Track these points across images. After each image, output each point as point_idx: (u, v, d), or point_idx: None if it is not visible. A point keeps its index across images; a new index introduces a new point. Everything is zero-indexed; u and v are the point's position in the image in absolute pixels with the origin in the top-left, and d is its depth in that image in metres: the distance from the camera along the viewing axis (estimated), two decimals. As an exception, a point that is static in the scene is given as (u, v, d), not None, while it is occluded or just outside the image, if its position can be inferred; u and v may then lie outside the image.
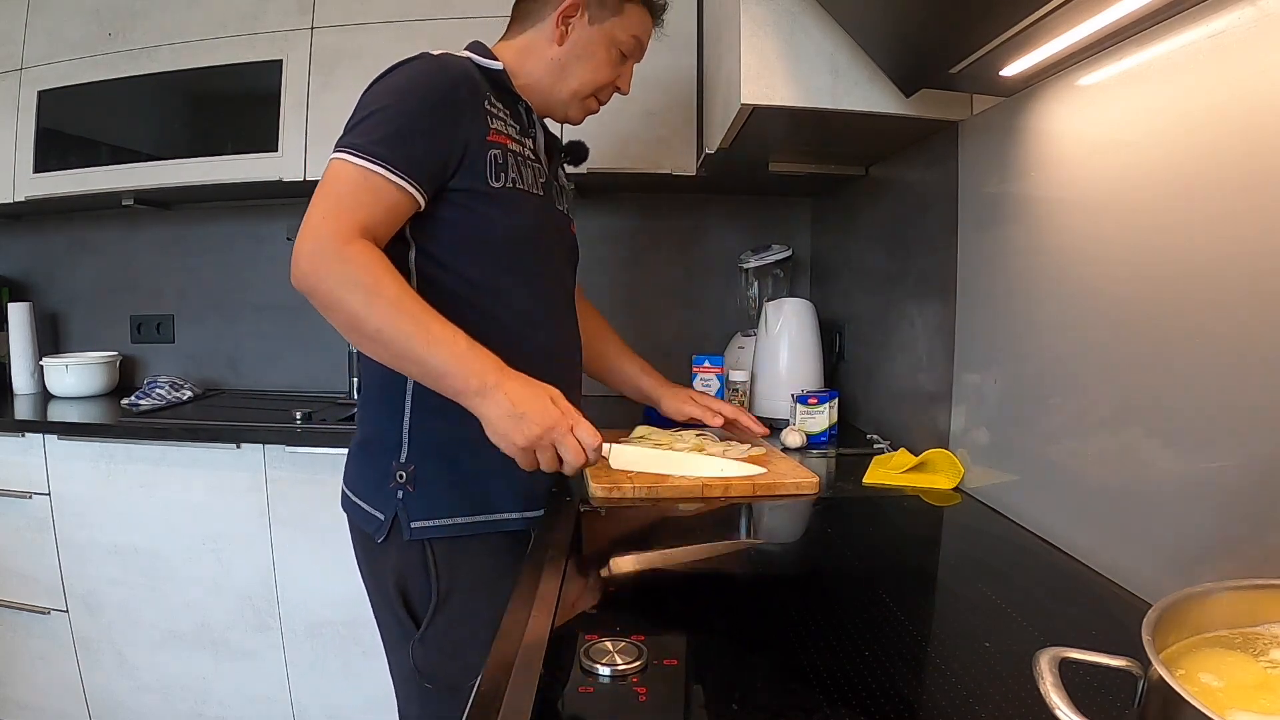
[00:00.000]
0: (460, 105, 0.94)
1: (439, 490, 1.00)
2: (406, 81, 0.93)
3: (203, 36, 1.88)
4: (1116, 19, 0.73)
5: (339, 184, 0.88)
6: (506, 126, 1.01)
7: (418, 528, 0.99)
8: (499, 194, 0.98)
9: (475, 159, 0.95)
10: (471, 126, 0.95)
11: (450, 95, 0.93)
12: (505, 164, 0.98)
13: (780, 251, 1.95)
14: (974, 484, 1.16)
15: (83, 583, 1.74)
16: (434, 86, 0.93)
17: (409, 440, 1.00)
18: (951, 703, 0.57)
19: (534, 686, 0.58)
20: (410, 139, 0.90)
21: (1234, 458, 0.67)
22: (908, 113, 1.15)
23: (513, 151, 1.00)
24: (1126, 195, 0.81)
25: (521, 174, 1.01)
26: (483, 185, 0.96)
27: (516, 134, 1.03)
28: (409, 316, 0.85)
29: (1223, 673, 0.45)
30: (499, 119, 0.99)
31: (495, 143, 0.97)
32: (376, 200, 0.88)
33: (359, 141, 0.88)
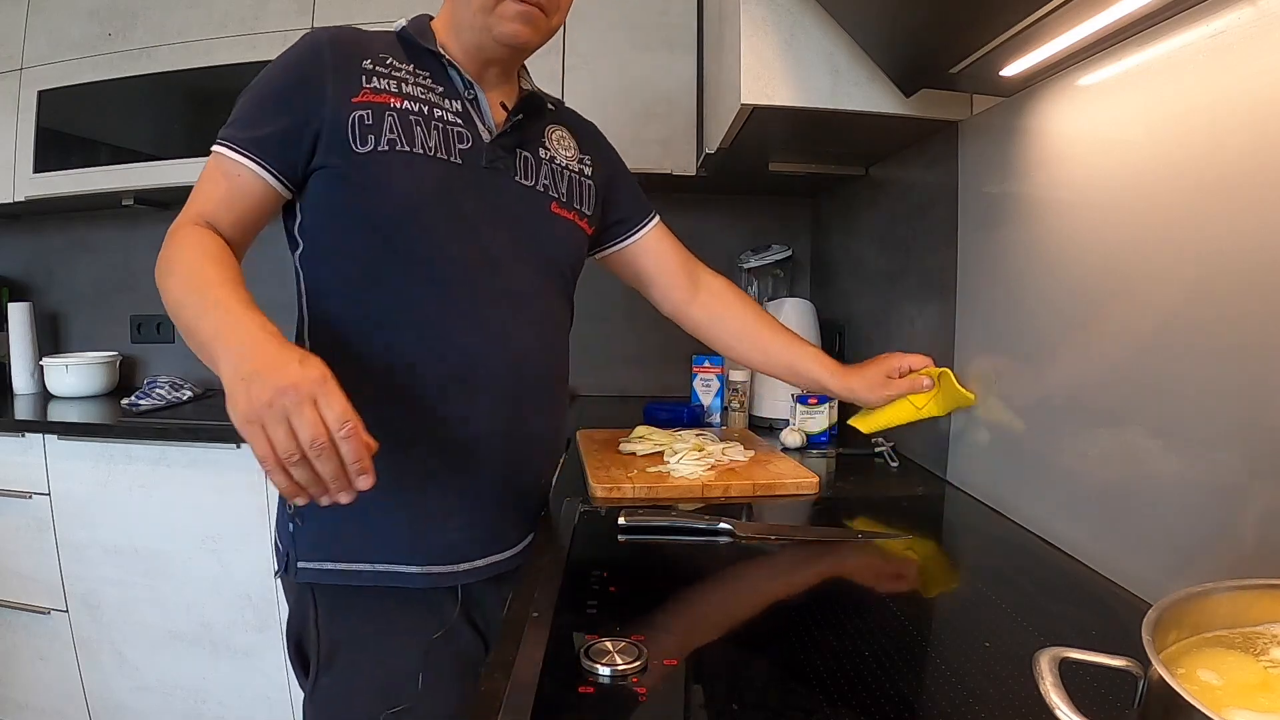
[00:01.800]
0: (316, 72, 0.84)
1: (328, 527, 0.87)
2: (276, 60, 0.88)
3: (203, 36, 1.88)
4: (1116, 19, 0.73)
5: (201, 174, 0.86)
6: (402, 85, 0.88)
7: (304, 569, 0.88)
8: (369, 159, 0.83)
9: (335, 127, 0.84)
10: (330, 91, 0.84)
11: (304, 64, 0.85)
12: (378, 125, 0.84)
13: (780, 251, 1.95)
14: (974, 484, 1.16)
15: (83, 583, 1.74)
16: (289, 60, 0.86)
17: None
18: (951, 703, 0.57)
19: (534, 686, 0.58)
20: (259, 116, 0.84)
21: (1234, 457, 0.67)
22: (908, 113, 1.15)
23: (398, 110, 0.86)
24: (1126, 195, 0.81)
25: (412, 135, 0.85)
26: (345, 154, 0.84)
27: (427, 94, 0.89)
28: (194, 286, 0.75)
29: (1223, 672, 0.45)
30: (389, 77, 0.87)
31: (365, 103, 0.84)
32: (222, 184, 0.84)
33: (223, 129, 0.85)
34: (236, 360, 0.66)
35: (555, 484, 1.27)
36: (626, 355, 2.23)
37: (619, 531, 0.95)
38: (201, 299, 0.73)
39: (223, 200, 0.84)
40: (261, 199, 0.85)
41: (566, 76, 1.83)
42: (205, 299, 0.73)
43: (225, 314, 0.71)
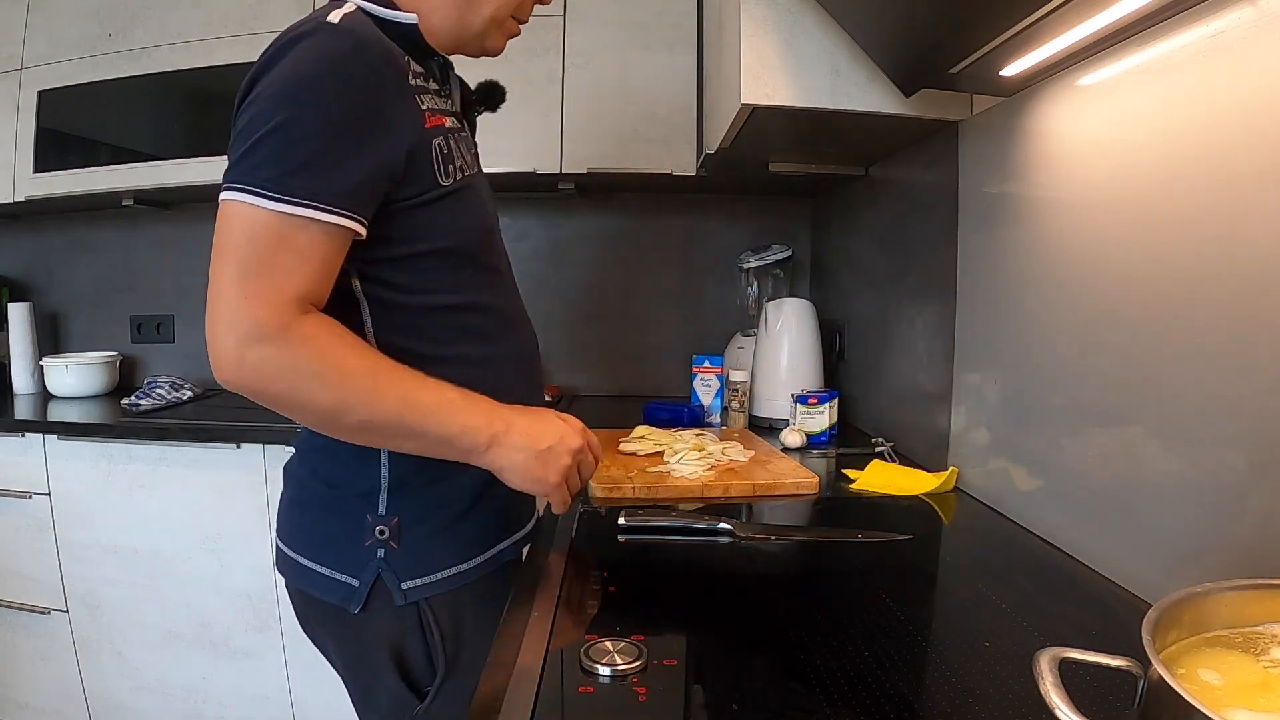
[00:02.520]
0: (390, 96, 0.73)
1: (429, 540, 0.84)
2: (312, 74, 0.69)
3: (203, 36, 1.88)
4: (1116, 19, 0.73)
5: (252, 239, 0.67)
6: (435, 99, 0.80)
7: (411, 588, 0.82)
8: (453, 192, 0.79)
9: (419, 159, 0.75)
10: (407, 120, 0.74)
11: (376, 86, 0.72)
12: (450, 152, 0.79)
13: (780, 251, 1.95)
14: (974, 484, 1.16)
15: (83, 583, 1.74)
16: (354, 78, 0.70)
17: (389, 486, 0.82)
18: (951, 703, 0.57)
19: (534, 686, 0.58)
20: (338, 159, 0.68)
21: (1234, 457, 0.67)
22: (908, 113, 1.15)
23: (451, 130, 0.81)
24: (1126, 195, 0.81)
25: (464, 154, 0.83)
26: (433, 188, 0.77)
27: (446, 104, 0.84)
28: (389, 394, 0.71)
29: (1223, 672, 0.45)
30: (428, 93, 0.79)
31: (436, 128, 0.78)
32: (308, 255, 0.68)
33: (266, 175, 0.66)
34: (524, 442, 0.77)
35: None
36: (626, 355, 2.23)
37: (619, 531, 0.95)
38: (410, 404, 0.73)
39: (319, 275, 0.70)
40: (344, 255, 0.73)
41: (566, 76, 1.83)
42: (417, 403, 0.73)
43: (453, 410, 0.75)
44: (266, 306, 0.66)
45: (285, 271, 0.67)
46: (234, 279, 0.67)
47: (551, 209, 2.18)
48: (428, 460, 0.80)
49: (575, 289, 2.21)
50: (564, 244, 2.21)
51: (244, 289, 0.66)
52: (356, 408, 0.71)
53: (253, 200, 0.66)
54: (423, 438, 0.74)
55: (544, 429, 0.79)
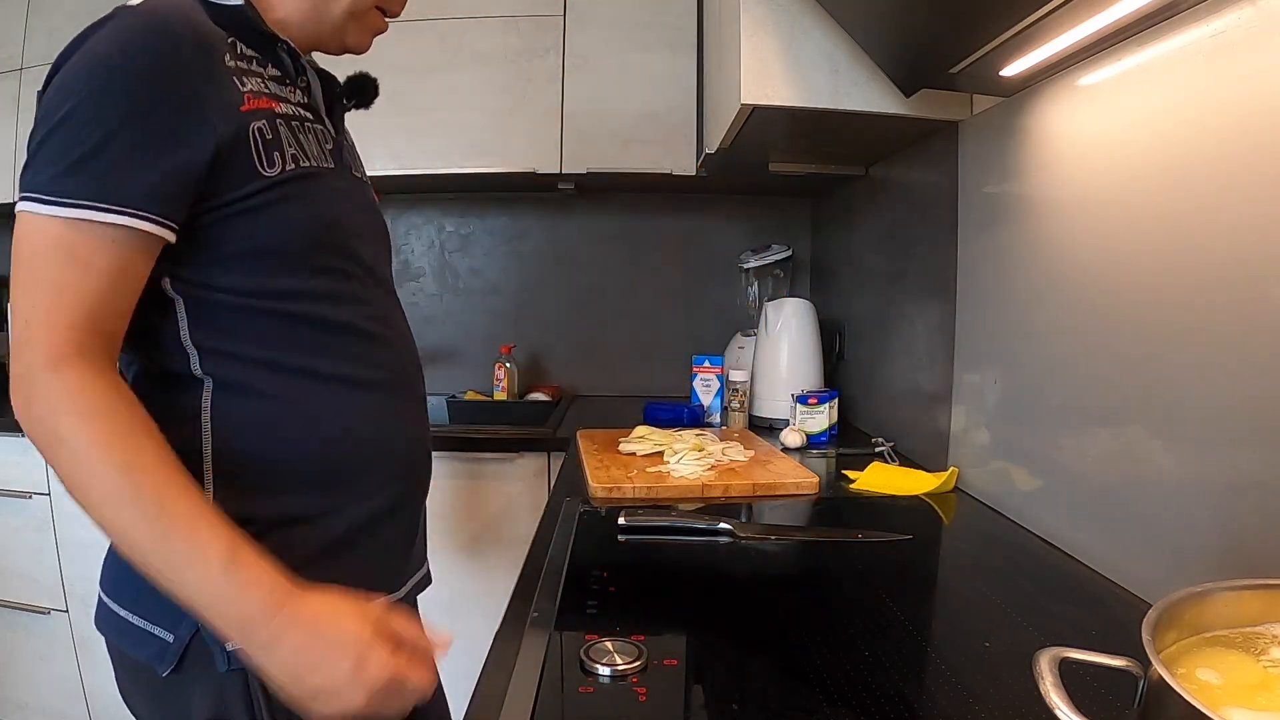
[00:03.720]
0: (193, 80, 0.62)
1: None
2: (101, 64, 0.60)
3: (203, 36, 1.88)
4: (1116, 19, 0.73)
5: (35, 254, 0.58)
6: (265, 83, 0.70)
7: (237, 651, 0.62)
8: (279, 183, 0.67)
9: (234, 147, 0.64)
10: (214, 105, 0.63)
11: (176, 69, 0.61)
12: (276, 137, 0.68)
13: (780, 251, 1.95)
14: (974, 484, 1.16)
15: (83, 583, 1.74)
16: (147, 62, 0.60)
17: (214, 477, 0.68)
18: (951, 703, 0.57)
19: (534, 686, 0.58)
20: (126, 154, 0.59)
21: (1234, 457, 0.67)
22: (908, 113, 1.15)
23: (282, 115, 0.70)
24: (1126, 195, 0.81)
25: (301, 143, 0.71)
26: (252, 179, 0.65)
27: (281, 89, 0.72)
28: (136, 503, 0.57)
29: (1223, 672, 0.45)
30: (252, 75, 0.69)
31: (256, 111, 0.67)
32: (92, 265, 0.58)
33: (45, 178, 0.57)
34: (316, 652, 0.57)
35: (555, 484, 1.27)
36: (626, 355, 2.23)
37: (619, 531, 0.95)
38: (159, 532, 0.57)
39: (114, 289, 0.59)
40: (150, 263, 0.62)
41: (566, 76, 1.83)
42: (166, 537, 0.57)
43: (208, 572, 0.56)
44: (42, 334, 0.58)
45: (64, 290, 0.58)
46: (18, 300, 0.58)
47: (551, 209, 2.18)
48: (258, 486, 0.68)
49: (575, 289, 2.21)
50: (564, 244, 2.21)
51: (29, 319, 0.58)
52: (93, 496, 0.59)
53: (33, 208, 0.58)
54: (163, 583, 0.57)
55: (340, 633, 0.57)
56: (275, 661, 0.57)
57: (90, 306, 0.58)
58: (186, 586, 0.57)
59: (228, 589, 0.57)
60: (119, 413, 0.59)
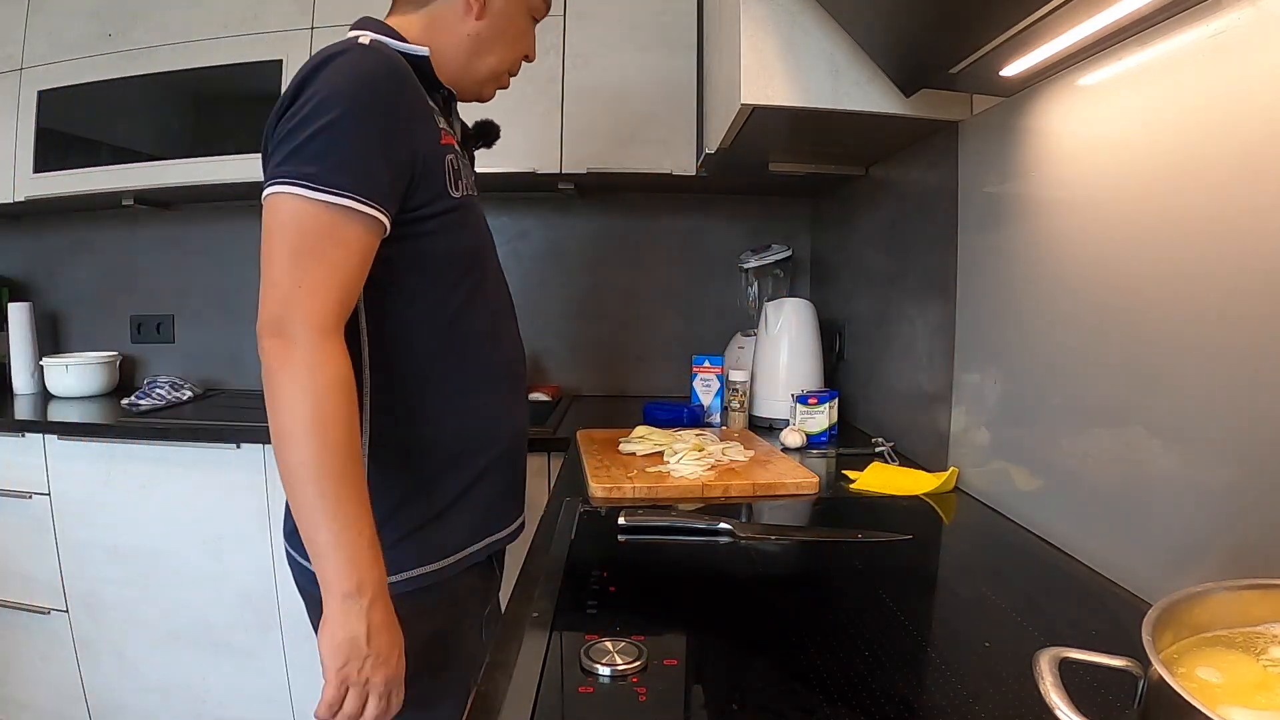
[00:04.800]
0: (410, 109, 0.81)
1: (408, 540, 0.86)
2: (351, 83, 0.75)
3: (203, 36, 1.88)
4: (1116, 19, 0.73)
5: (301, 228, 0.72)
6: (446, 123, 0.89)
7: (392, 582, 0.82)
8: (459, 205, 0.86)
9: (433, 169, 0.82)
10: (425, 133, 0.82)
11: (400, 98, 0.80)
12: (459, 168, 0.88)
13: (780, 251, 1.95)
14: (974, 484, 1.16)
15: (83, 583, 1.74)
16: (383, 89, 0.78)
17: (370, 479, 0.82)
18: (951, 703, 0.57)
19: (534, 686, 0.58)
20: (372, 160, 0.75)
21: (1234, 457, 0.67)
22: (908, 113, 1.15)
23: (456, 152, 0.89)
24: (1126, 195, 0.81)
25: (465, 175, 0.90)
26: (443, 198, 0.84)
27: (450, 129, 0.91)
28: (333, 475, 0.71)
29: (1223, 671, 0.45)
30: (440, 116, 0.88)
31: (449, 146, 0.86)
32: (352, 247, 0.74)
33: (313, 170, 0.72)
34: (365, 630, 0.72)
35: (555, 484, 1.27)
36: (626, 355, 2.23)
37: (619, 531, 0.95)
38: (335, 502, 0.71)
39: (358, 271, 0.75)
40: (373, 243, 0.78)
41: (566, 77, 1.83)
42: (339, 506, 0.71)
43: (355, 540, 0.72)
44: (314, 302, 0.72)
45: (332, 264, 0.73)
46: (287, 266, 0.72)
47: (551, 209, 2.18)
48: (405, 461, 0.86)
49: (575, 289, 2.21)
50: (564, 244, 2.21)
51: (296, 276, 0.72)
52: (301, 451, 0.71)
53: (302, 192, 0.71)
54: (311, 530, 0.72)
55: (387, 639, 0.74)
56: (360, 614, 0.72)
57: (347, 283, 0.74)
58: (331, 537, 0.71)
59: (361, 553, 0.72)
60: (347, 395, 0.73)
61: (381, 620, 0.74)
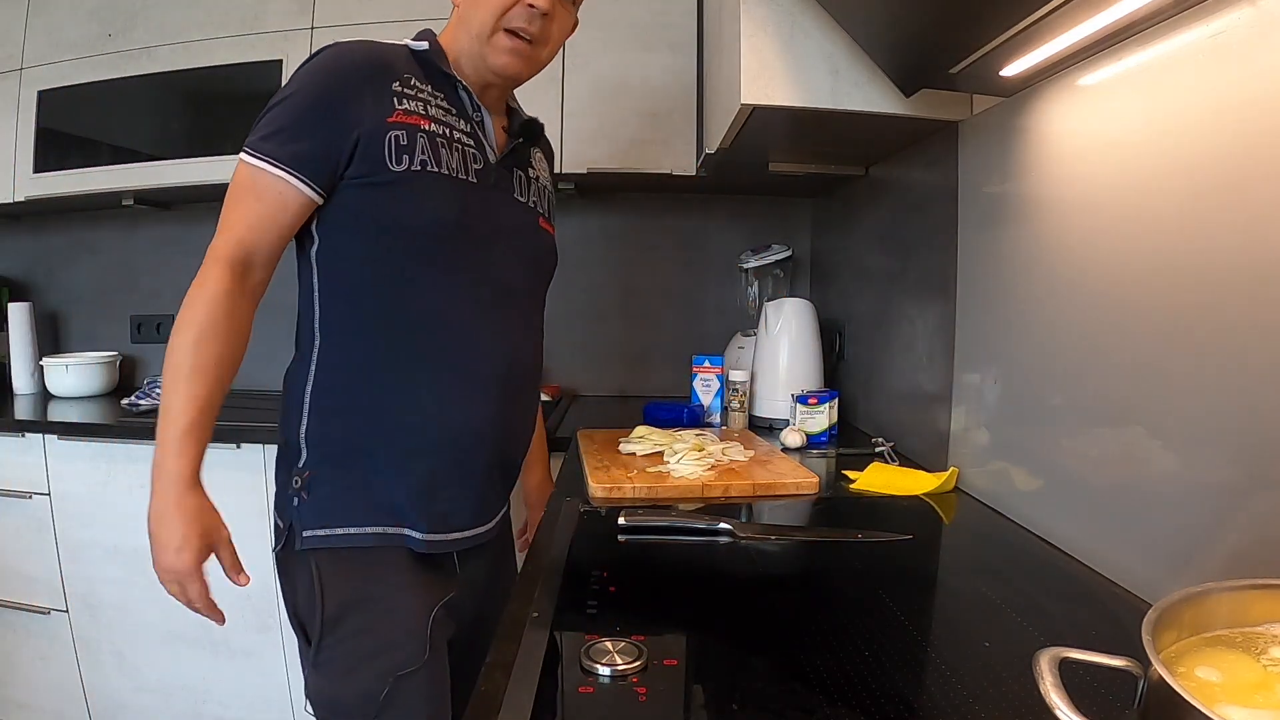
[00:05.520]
0: (354, 89, 0.89)
1: (335, 496, 0.92)
2: (306, 72, 0.90)
3: (203, 36, 1.88)
4: (1116, 19, 0.73)
5: (235, 185, 0.88)
6: (428, 108, 0.93)
7: (309, 536, 0.91)
8: (402, 178, 0.89)
9: (371, 143, 0.88)
10: (368, 109, 0.89)
11: (343, 80, 0.89)
12: (411, 145, 0.90)
13: (780, 251, 1.95)
14: (974, 484, 1.16)
15: (83, 583, 1.74)
16: (328, 72, 0.89)
17: (306, 444, 0.93)
18: (951, 703, 0.57)
19: (534, 686, 0.58)
20: (298, 131, 0.87)
21: (1233, 457, 0.67)
22: (908, 113, 1.15)
23: (428, 133, 0.92)
24: (1126, 195, 0.81)
25: (439, 156, 0.92)
26: (380, 170, 0.89)
27: (446, 115, 0.95)
28: (173, 369, 0.85)
29: (1222, 671, 0.45)
30: (416, 99, 0.92)
31: (399, 124, 0.90)
32: (262, 200, 0.87)
33: (253, 139, 0.87)
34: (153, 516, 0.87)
35: (555, 484, 1.27)
36: (626, 355, 2.23)
37: (619, 531, 0.95)
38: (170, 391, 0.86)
39: (263, 221, 0.88)
40: (299, 212, 0.89)
41: (566, 77, 1.83)
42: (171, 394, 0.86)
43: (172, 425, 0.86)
44: (219, 239, 0.87)
45: (237, 217, 0.88)
46: (222, 211, 0.89)
47: (551, 209, 2.18)
48: (345, 419, 0.93)
49: (575, 288, 2.20)
50: (564, 244, 2.19)
51: (222, 219, 0.88)
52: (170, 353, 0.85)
53: (242, 156, 0.88)
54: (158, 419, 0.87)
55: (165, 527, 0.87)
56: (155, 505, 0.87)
57: (252, 223, 0.87)
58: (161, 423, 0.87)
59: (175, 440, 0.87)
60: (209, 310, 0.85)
61: (162, 509, 0.85)
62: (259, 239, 0.88)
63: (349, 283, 0.93)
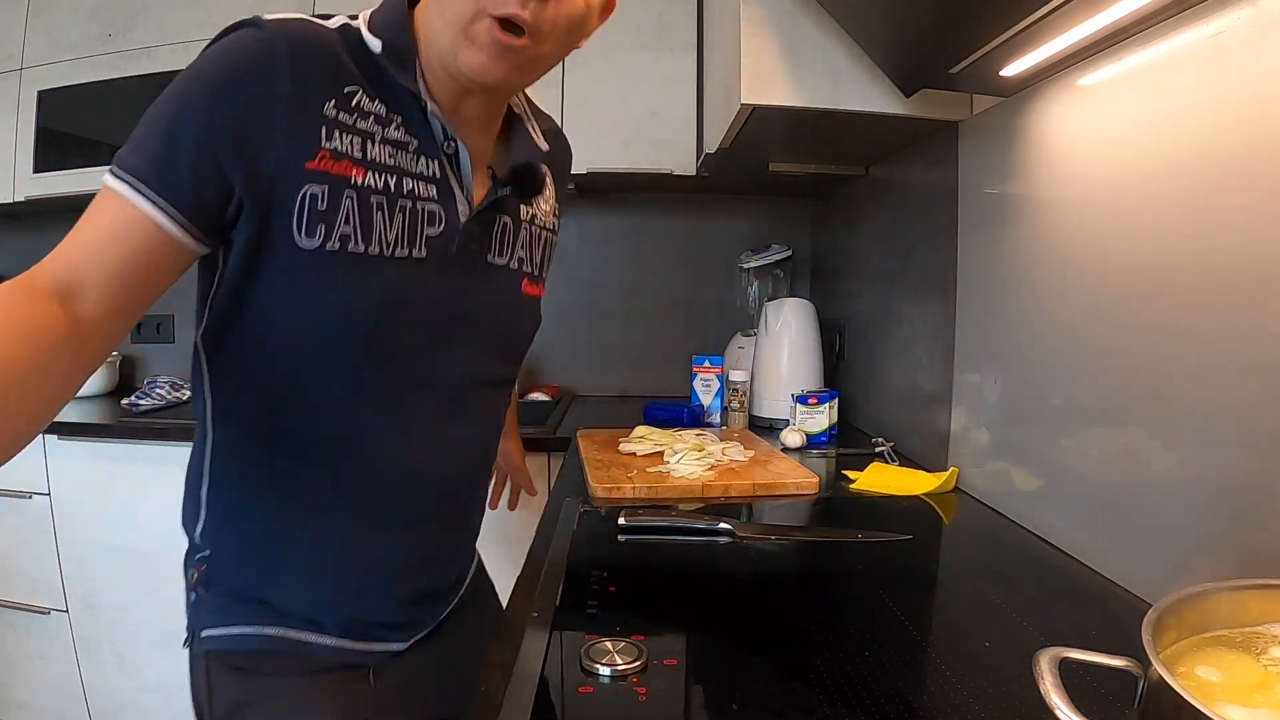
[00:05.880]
0: (266, 106, 0.60)
1: (233, 590, 0.72)
2: (198, 69, 0.63)
3: (203, 37, 1.87)
4: (1116, 19, 0.73)
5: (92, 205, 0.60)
6: (369, 144, 0.64)
7: (206, 637, 0.71)
8: (310, 261, 0.61)
9: (274, 200, 0.60)
10: (279, 144, 0.60)
11: (249, 93, 0.60)
12: (332, 209, 0.62)
13: (780, 251, 1.95)
14: (974, 484, 1.16)
15: (83, 583, 1.74)
16: (230, 76, 0.61)
17: (205, 522, 0.73)
18: (951, 703, 0.57)
19: (534, 686, 0.58)
20: (175, 149, 0.59)
21: (1234, 458, 0.67)
22: (908, 113, 1.15)
23: (360, 189, 0.63)
24: (1126, 195, 0.81)
25: (370, 226, 0.63)
26: (280, 245, 0.61)
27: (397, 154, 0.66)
28: None
29: (1223, 671, 0.45)
30: (354, 130, 0.63)
31: (321, 174, 0.61)
32: (108, 229, 0.58)
33: (123, 150, 0.60)
34: None
35: (555, 484, 1.27)
36: (626, 355, 2.23)
37: (619, 531, 0.95)
38: None
39: (103, 252, 0.58)
40: (170, 263, 0.60)
41: (567, 77, 1.83)
42: None
43: None
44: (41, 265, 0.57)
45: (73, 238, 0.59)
46: None
47: (551, 209, 2.18)
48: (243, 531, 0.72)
49: (575, 288, 2.21)
50: (564, 244, 2.20)
51: None
52: None
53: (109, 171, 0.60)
54: None
55: None
56: None
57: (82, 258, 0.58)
58: None
59: None
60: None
61: None
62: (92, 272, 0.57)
63: (237, 393, 0.69)
